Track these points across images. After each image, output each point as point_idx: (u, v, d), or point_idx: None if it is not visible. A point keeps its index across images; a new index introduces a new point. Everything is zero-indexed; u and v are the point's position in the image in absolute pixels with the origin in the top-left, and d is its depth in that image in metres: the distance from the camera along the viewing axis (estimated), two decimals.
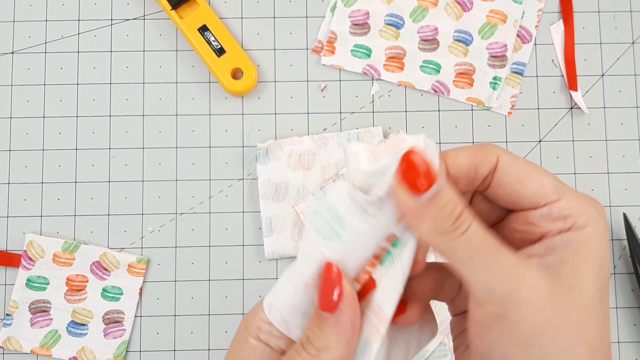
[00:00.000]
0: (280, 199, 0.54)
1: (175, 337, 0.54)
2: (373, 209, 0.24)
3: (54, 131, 0.56)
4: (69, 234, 0.55)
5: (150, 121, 0.56)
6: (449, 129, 0.56)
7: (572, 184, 0.55)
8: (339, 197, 0.24)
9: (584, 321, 0.23)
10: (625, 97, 0.57)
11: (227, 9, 0.57)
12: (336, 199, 0.24)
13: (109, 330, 0.53)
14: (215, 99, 0.56)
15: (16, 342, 0.53)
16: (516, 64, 0.57)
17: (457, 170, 0.26)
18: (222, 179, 0.55)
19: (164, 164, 0.55)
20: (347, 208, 0.24)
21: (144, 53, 0.57)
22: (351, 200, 0.24)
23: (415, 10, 0.57)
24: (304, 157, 0.55)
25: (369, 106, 0.56)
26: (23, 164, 0.55)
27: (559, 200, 0.25)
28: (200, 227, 0.55)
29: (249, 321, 0.26)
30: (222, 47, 0.55)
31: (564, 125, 0.56)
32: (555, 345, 0.23)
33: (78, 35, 0.57)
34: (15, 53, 0.57)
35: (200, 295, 0.54)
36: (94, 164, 0.55)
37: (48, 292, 0.53)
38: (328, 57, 0.56)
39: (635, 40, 0.57)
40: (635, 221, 0.55)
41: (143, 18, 0.57)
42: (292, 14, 0.57)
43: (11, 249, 0.54)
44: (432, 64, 0.56)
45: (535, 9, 0.57)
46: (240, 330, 0.26)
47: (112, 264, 0.54)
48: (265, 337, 0.25)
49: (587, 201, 0.25)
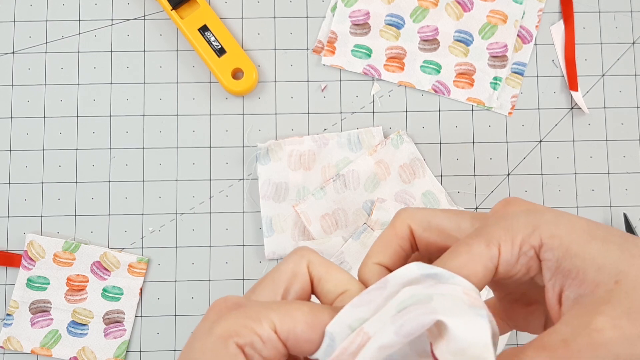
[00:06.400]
0: (281, 199, 0.54)
1: (175, 337, 0.54)
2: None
3: (55, 131, 0.56)
4: (69, 234, 0.55)
5: (150, 121, 0.56)
6: (449, 129, 0.56)
7: (573, 184, 0.55)
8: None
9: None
10: (625, 97, 0.57)
11: (227, 9, 0.57)
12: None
13: (109, 330, 0.53)
14: (216, 99, 0.56)
15: (16, 342, 0.53)
16: (516, 64, 0.57)
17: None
18: (223, 179, 0.55)
19: (165, 164, 0.55)
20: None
21: (145, 53, 0.57)
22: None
23: (416, 10, 0.57)
24: (304, 157, 0.55)
25: (370, 106, 0.56)
26: (23, 164, 0.55)
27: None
28: (200, 227, 0.55)
29: (234, 329, 0.23)
30: (222, 47, 0.55)
31: (564, 125, 0.56)
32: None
33: (78, 35, 0.57)
34: (16, 53, 0.57)
35: (201, 295, 0.54)
36: (94, 164, 0.55)
37: (48, 292, 0.53)
38: (328, 57, 0.56)
39: (635, 41, 0.57)
40: (635, 221, 0.55)
41: (143, 18, 0.57)
42: (292, 14, 0.57)
43: (11, 249, 0.54)
44: (433, 64, 0.56)
45: (535, 9, 0.57)
46: (218, 333, 0.23)
47: (112, 264, 0.54)
48: (251, 352, 0.23)
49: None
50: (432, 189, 0.55)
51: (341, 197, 0.54)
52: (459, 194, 0.55)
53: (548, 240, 0.24)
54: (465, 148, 0.56)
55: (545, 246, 0.24)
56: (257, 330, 0.23)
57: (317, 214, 0.54)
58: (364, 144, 0.55)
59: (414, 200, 0.54)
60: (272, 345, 0.23)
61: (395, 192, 0.54)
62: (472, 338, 0.21)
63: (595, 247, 0.24)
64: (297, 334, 0.23)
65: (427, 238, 0.27)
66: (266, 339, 0.23)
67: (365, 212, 0.54)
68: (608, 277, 0.23)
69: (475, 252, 0.25)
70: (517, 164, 0.56)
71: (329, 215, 0.54)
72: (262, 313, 0.23)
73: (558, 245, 0.24)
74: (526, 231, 0.25)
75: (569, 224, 0.24)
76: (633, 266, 0.23)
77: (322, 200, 0.54)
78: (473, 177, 0.56)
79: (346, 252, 0.53)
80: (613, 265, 0.23)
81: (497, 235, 0.25)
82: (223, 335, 0.23)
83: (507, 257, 0.25)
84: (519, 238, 0.25)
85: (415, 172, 0.55)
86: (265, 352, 0.23)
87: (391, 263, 0.27)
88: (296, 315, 0.23)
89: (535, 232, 0.24)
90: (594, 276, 0.23)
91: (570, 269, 0.24)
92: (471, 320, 0.21)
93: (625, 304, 0.22)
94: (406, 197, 0.54)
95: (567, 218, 0.25)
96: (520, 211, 0.26)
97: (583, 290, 0.24)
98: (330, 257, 0.53)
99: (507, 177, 0.56)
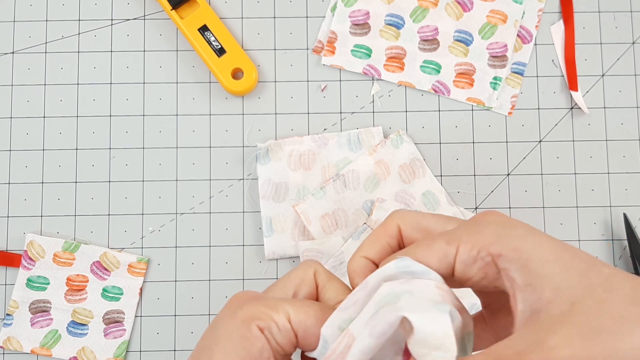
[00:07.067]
0: (281, 199, 0.54)
1: (175, 337, 0.54)
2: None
3: (54, 131, 0.56)
4: (69, 234, 0.55)
5: (150, 121, 0.56)
6: (449, 129, 0.56)
7: (573, 184, 0.55)
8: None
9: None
10: (625, 97, 0.57)
11: (227, 9, 0.57)
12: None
13: (109, 330, 0.53)
14: (216, 99, 0.56)
15: (16, 342, 0.53)
16: (516, 64, 0.57)
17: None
18: (223, 179, 0.55)
19: (164, 164, 0.55)
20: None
21: (144, 53, 0.57)
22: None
23: (416, 10, 0.57)
24: (304, 157, 0.55)
25: (369, 106, 0.56)
26: (23, 164, 0.55)
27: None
28: (200, 227, 0.55)
29: (256, 315, 0.26)
30: (222, 47, 0.55)
31: (564, 125, 0.56)
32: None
33: (78, 35, 0.57)
34: (16, 53, 0.57)
35: (200, 295, 0.54)
36: (94, 164, 0.55)
37: (48, 292, 0.53)
38: (328, 57, 0.56)
39: (635, 41, 0.57)
40: (635, 221, 0.55)
41: (143, 18, 0.57)
42: (292, 14, 0.57)
43: (11, 249, 0.54)
44: (433, 64, 0.56)
45: (535, 9, 0.57)
46: (241, 317, 0.26)
47: (112, 264, 0.54)
48: (269, 336, 0.26)
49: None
50: (432, 189, 0.55)
51: (341, 197, 0.54)
52: (458, 194, 0.55)
53: (508, 252, 0.25)
54: (465, 148, 0.56)
55: (503, 257, 0.25)
56: (275, 317, 0.26)
57: (317, 213, 0.54)
58: (364, 144, 0.55)
59: (414, 200, 0.54)
60: (286, 333, 0.26)
61: (395, 192, 0.54)
62: (432, 328, 0.23)
63: (555, 268, 0.25)
64: (307, 327, 0.26)
65: (415, 238, 0.29)
66: (282, 326, 0.26)
67: (365, 212, 0.54)
68: (564, 299, 0.24)
69: (434, 247, 0.27)
70: (517, 164, 0.56)
71: (329, 215, 0.54)
72: (279, 304, 0.27)
73: (517, 258, 0.25)
74: (490, 239, 0.26)
75: (536, 242, 0.25)
76: (590, 294, 0.24)
77: (322, 200, 0.54)
78: (473, 177, 0.56)
79: (346, 252, 0.53)
80: (570, 289, 0.24)
81: (460, 236, 0.27)
82: (246, 318, 0.26)
83: (463, 258, 0.26)
84: (480, 243, 0.26)
85: (415, 172, 0.55)
86: (280, 339, 0.26)
87: (377, 258, 0.30)
88: (308, 311, 0.27)
89: (498, 241, 0.26)
90: (550, 295, 0.24)
91: (529, 285, 0.25)
92: (431, 314, 0.24)
93: (580, 326, 0.23)
94: (406, 197, 0.54)
95: (537, 236, 0.26)
96: (494, 221, 0.27)
97: (538, 305, 0.24)
98: (330, 257, 0.53)
99: (506, 177, 0.56)
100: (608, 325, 0.23)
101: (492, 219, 0.27)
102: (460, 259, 0.26)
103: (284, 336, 0.26)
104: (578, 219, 0.55)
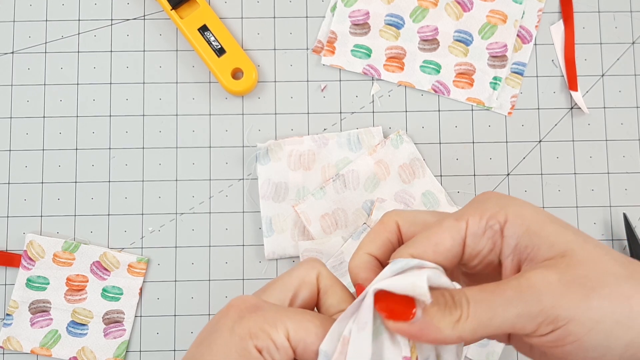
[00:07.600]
0: (281, 199, 0.54)
1: (175, 337, 0.54)
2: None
3: (54, 131, 0.56)
4: (69, 234, 0.55)
5: (150, 121, 0.56)
6: (449, 129, 0.56)
7: (572, 184, 0.55)
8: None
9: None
10: (625, 97, 0.57)
11: (227, 9, 0.57)
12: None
13: (109, 330, 0.53)
14: (215, 99, 0.56)
15: (16, 342, 0.53)
16: (516, 64, 0.57)
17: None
18: (222, 179, 0.55)
19: (164, 164, 0.55)
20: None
21: (144, 53, 0.57)
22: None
23: (416, 10, 0.57)
24: (304, 157, 0.55)
25: (369, 106, 0.56)
26: (23, 164, 0.55)
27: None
28: (200, 227, 0.55)
29: (254, 332, 0.26)
30: (222, 47, 0.55)
31: (564, 125, 0.56)
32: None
33: (78, 35, 0.57)
34: (15, 53, 0.57)
35: (200, 295, 0.54)
36: (94, 164, 0.55)
37: (48, 292, 0.53)
38: (328, 57, 0.56)
39: (635, 41, 0.57)
40: (635, 221, 0.55)
41: (143, 18, 0.57)
42: (292, 14, 0.57)
43: (11, 249, 0.54)
44: (432, 64, 0.56)
45: (535, 9, 0.57)
46: (240, 333, 0.26)
47: (112, 264, 0.54)
48: (267, 356, 0.26)
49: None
50: (431, 189, 0.55)
51: (341, 197, 0.54)
52: (458, 193, 0.55)
53: (513, 217, 0.27)
54: (465, 148, 0.56)
55: (509, 222, 0.27)
56: (273, 335, 0.25)
57: (316, 214, 0.54)
58: (364, 144, 0.55)
59: (413, 200, 0.54)
60: (284, 352, 0.26)
61: (395, 192, 0.54)
62: (402, 282, 0.24)
63: (552, 229, 0.27)
64: (306, 344, 0.26)
65: (413, 232, 0.30)
66: (280, 345, 0.25)
67: (365, 212, 0.54)
68: (557, 252, 0.26)
69: (445, 225, 0.28)
70: (516, 164, 0.56)
71: (329, 215, 0.54)
72: (279, 319, 0.26)
73: (520, 223, 0.27)
74: (495, 209, 0.28)
75: (533, 209, 0.28)
76: (583, 248, 0.26)
77: (322, 200, 0.54)
78: (473, 177, 0.56)
79: (346, 252, 0.53)
80: (564, 244, 0.26)
81: (467, 212, 0.28)
82: (245, 336, 0.25)
83: (474, 229, 0.28)
84: (487, 214, 0.28)
85: (415, 172, 0.55)
86: (277, 357, 0.26)
87: (380, 253, 0.30)
88: (309, 327, 0.26)
89: (502, 210, 0.28)
90: (546, 252, 0.26)
91: (527, 245, 0.27)
92: (405, 279, 0.25)
93: (563, 271, 0.25)
94: (406, 197, 0.54)
95: (532, 206, 0.28)
96: (494, 196, 0.29)
97: (534, 265, 0.26)
98: (330, 257, 0.53)
99: (506, 177, 0.56)
100: (589, 275, 0.25)
101: (491, 195, 0.29)
102: (471, 231, 0.28)
103: (283, 354, 0.26)
104: (578, 219, 0.55)
